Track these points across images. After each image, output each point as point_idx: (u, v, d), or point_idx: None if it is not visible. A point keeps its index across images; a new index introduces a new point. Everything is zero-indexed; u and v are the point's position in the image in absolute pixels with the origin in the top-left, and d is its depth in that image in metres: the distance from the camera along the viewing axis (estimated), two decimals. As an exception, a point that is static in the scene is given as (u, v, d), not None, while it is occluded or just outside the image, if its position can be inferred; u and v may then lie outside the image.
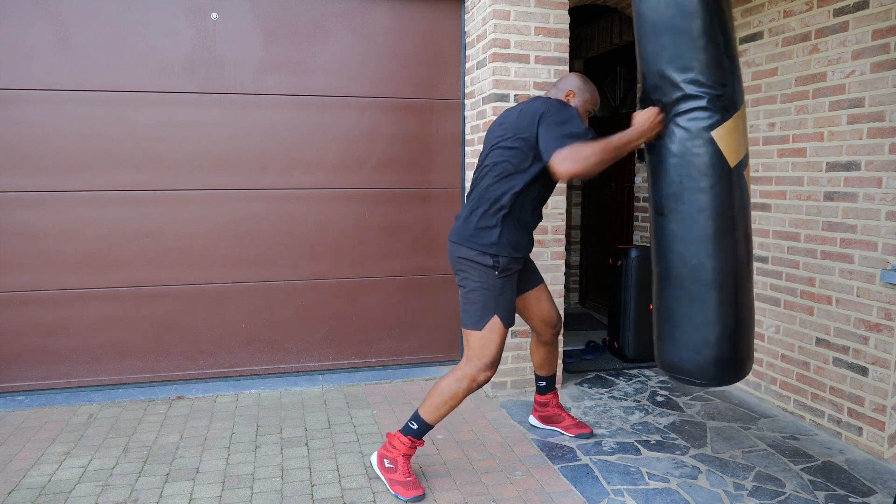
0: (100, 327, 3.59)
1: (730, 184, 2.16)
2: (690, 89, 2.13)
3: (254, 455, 2.89)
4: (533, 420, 3.23)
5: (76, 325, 3.56)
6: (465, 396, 2.52)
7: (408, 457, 2.58)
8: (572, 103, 2.60)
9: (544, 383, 3.11)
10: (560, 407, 3.17)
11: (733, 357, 2.23)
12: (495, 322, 2.51)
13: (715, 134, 2.12)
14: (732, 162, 2.15)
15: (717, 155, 2.13)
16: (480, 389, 3.70)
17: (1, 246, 3.43)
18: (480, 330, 2.50)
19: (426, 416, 2.54)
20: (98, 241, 3.54)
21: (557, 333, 2.99)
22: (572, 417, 3.16)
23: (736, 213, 2.18)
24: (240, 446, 2.98)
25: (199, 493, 2.56)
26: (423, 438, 2.60)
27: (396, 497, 2.52)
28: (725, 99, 2.13)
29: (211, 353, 3.76)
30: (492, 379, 3.57)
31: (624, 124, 2.35)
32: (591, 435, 3.10)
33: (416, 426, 2.55)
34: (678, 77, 2.14)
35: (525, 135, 2.43)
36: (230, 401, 3.54)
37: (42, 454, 2.89)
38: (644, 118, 2.28)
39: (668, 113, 2.21)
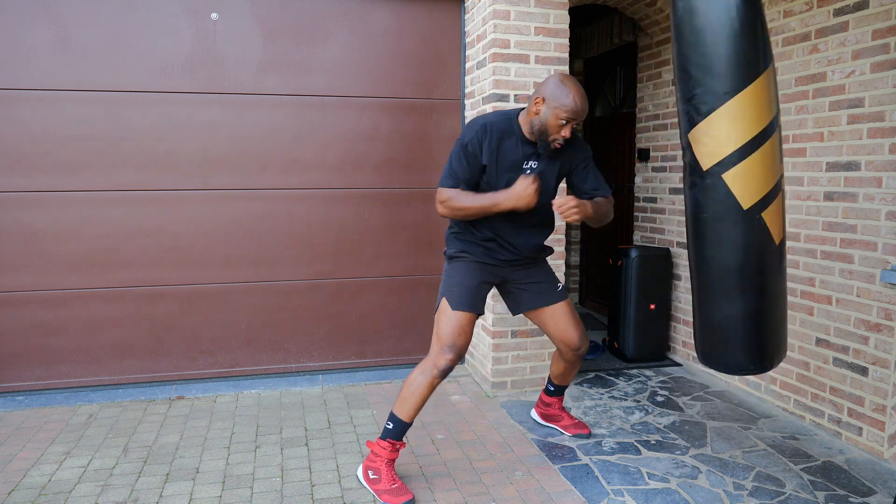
0: (100, 327, 3.59)
1: (704, 184, 2.16)
2: (678, 87, 2.13)
3: (254, 455, 2.89)
4: (534, 414, 3.25)
5: (76, 325, 3.56)
6: (431, 386, 2.50)
7: (391, 462, 2.54)
8: (540, 111, 2.42)
9: (554, 389, 3.10)
10: (562, 409, 3.17)
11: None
12: (443, 304, 2.57)
13: (691, 136, 2.14)
14: (705, 165, 2.14)
15: (691, 156, 2.15)
16: (481, 390, 3.70)
17: (1, 246, 3.43)
18: (436, 314, 2.58)
19: (400, 413, 2.52)
20: (98, 241, 3.54)
21: (581, 356, 2.86)
22: (572, 417, 3.16)
23: (709, 214, 2.18)
24: (240, 446, 2.98)
25: (199, 493, 2.56)
26: (404, 440, 2.56)
27: None
28: (697, 102, 2.12)
29: (211, 353, 3.76)
30: (492, 380, 3.57)
31: (624, 124, 2.34)
32: (590, 436, 3.10)
33: (391, 425, 2.53)
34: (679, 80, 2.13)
35: None
36: (230, 401, 3.54)
37: (42, 454, 2.89)
38: (517, 188, 2.40)
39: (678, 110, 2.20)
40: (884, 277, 2.80)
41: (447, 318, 2.54)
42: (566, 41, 3.50)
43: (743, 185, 2.07)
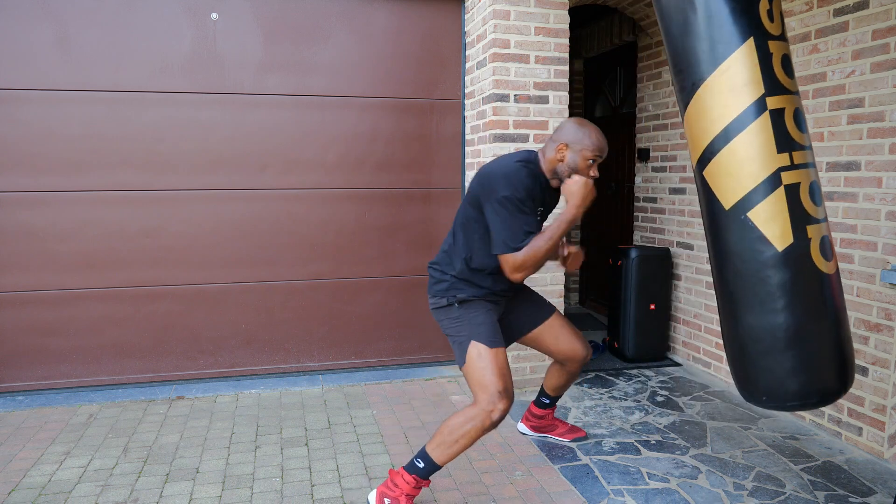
0: (100, 327, 3.59)
1: (699, 181, 1.98)
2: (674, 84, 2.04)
3: (254, 455, 2.89)
4: (522, 427, 3.14)
5: (76, 325, 3.56)
6: (478, 436, 2.28)
7: (411, 497, 2.34)
8: (565, 157, 2.37)
9: (548, 401, 3.02)
10: (555, 418, 3.11)
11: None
12: (476, 348, 2.34)
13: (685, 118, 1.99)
14: (692, 158, 1.99)
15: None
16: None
17: (1, 246, 3.43)
18: (466, 363, 2.35)
19: (435, 455, 2.30)
20: (98, 241, 3.54)
21: (583, 365, 2.79)
22: (566, 424, 3.11)
23: (703, 209, 2.00)
24: (240, 446, 2.98)
25: (199, 493, 2.56)
26: (430, 479, 2.37)
27: None
28: (681, 89, 1.96)
29: (211, 353, 3.76)
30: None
31: (624, 124, 2.33)
32: (587, 437, 3.08)
33: (422, 465, 2.31)
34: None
35: (474, 200, 2.37)
36: (230, 401, 3.54)
37: (42, 454, 2.89)
38: (575, 192, 2.29)
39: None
40: (884, 277, 2.80)
41: (487, 361, 2.31)
42: (566, 41, 3.50)
43: (719, 182, 1.87)
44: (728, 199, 1.86)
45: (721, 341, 3.86)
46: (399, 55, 3.83)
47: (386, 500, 2.34)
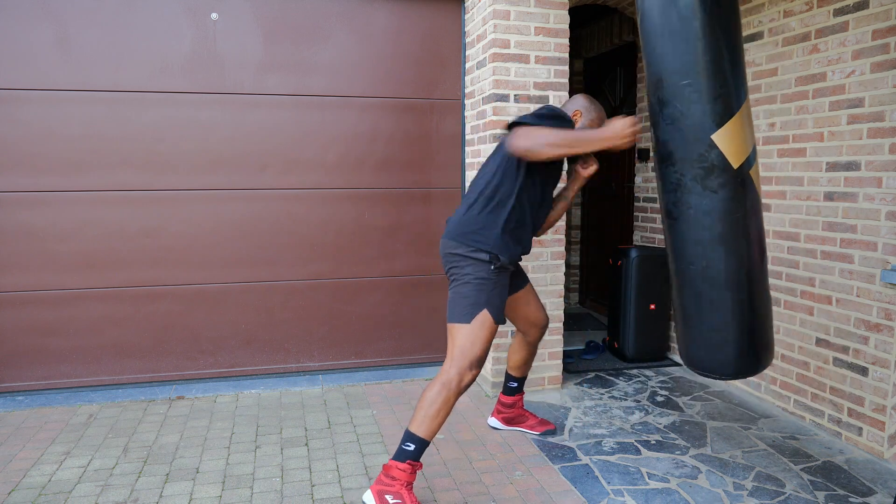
0: (100, 327, 3.59)
1: (735, 185, 2.14)
2: (688, 92, 2.11)
3: (254, 455, 2.89)
4: (494, 422, 3.15)
5: (76, 325, 3.56)
6: (454, 401, 2.35)
7: (410, 485, 2.35)
8: (579, 123, 2.63)
9: (516, 384, 3.07)
10: (524, 408, 3.15)
11: (751, 352, 2.27)
12: (485, 317, 2.39)
13: (716, 137, 2.11)
14: (735, 163, 2.13)
15: (719, 157, 2.12)
16: (481, 389, 3.70)
17: (1, 246, 3.43)
18: (468, 323, 2.38)
19: (419, 431, 2.33)
20: (98, 241, 3.54)
21: (543, 334, 2.96)
22: (535, 416, 3.15)
23: (744, 214, 2.16)
24: (240, 446, 2.98)
25: (199, 493, 2.56)
26: (421, 460, 2.39)
27: None
28: (726, 100, 2.12)
29: (211, 353, 3.76)
30: (492, 380, 3.57)
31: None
32: (555, 431, 3.10)
33: (412, 447, 2.33)
34: (676, 80, 2.13)
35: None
36: (230, 401, 3.54)
37: (42, 454, 2.89)
38: (617, 126, 2.34)
39: (670, 116, 2.18)
40: (884, 277, 2.80)
41: (485, 333, 2.39)
42: (566, 41, 3.50)
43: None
44: (738, 159, 2.14)
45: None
46: (399, 55, 3.83)
47: (388, 496, 2.32)
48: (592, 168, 2.67)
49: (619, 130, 2.32)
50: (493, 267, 2.43)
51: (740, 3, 3.56)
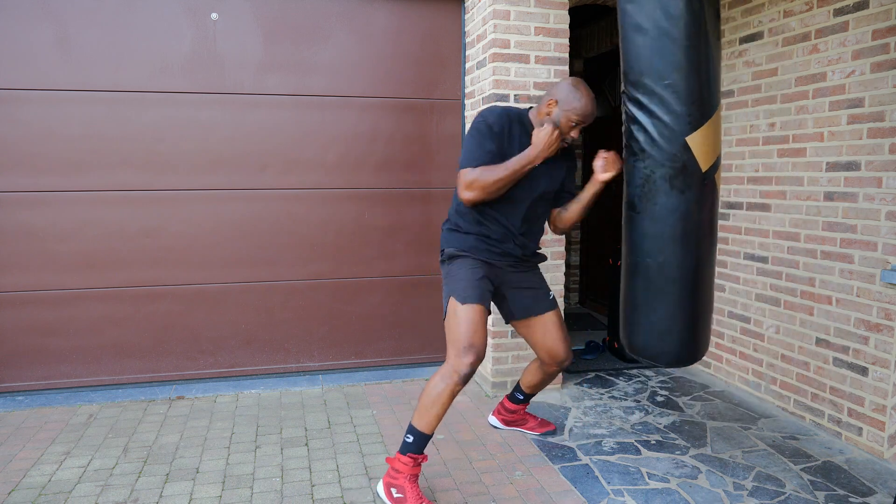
0: (100, 327, 3.59)
1: (701, 186, 2.22)
2: (667, 94, 2.13)
3: (254, 455, 2.89)
4: (494, 420, 3.17)
5: (76, 325, 3.56)
6: (453, 393, 2.36)
7: (414, 478, 2.39)
8: (552, 112, 2.51)
9: (522, 398, 3.06)
10: (527, 413, 3.15)
11: (692, 343, 2.38)
12: (452, 304, 2.45)
13: (690, 140, 2.15)
14: (704, 166, 2.19)
15: (690, 159, 2.16)
16: (481, 390, 3.70)
17: (1, 246, 3.43)
18: (445, 318, 2.47)
19: (419, 425, 2.38)
20: (98, 241, 3.54)
21: (560, 371, 2.86)
22: (536, 418, 3.16)
23: (704, 215, 2.25)
24: (240, 446, 2.98)
25: (199, 493, 2.56)
26: (425, 452, 2.45)
27: None
28: (701, 105, 2.14)
29: (211, 353, 3.76)
30: (492, 380, 3.57)
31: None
32: (555, 432, 3.11)
33: (411, 439, 2.40)
34: (656, 80, 2.14)
35: None
36: (230, 401, 3.54)
37: (42, 454, 2.89)
38: (540, 138, 2.43)
39: (645, 114, 2.21)
40: (884, 277, 2.80)
41: (459, 318, 2.42)
42: (566, 41, 3.50)
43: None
44: (706, 163, 2.22)
45: (721, 341, 3.86)
46: (399, 55, 3.83)
47: (392, 489, 2.40)
48: (609, 174, 2.63)
49: (542, 145, 2.44)
50: (444, 262, 2.60)
51: (741, 3, 3.56)
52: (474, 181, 2.42)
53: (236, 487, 2.60)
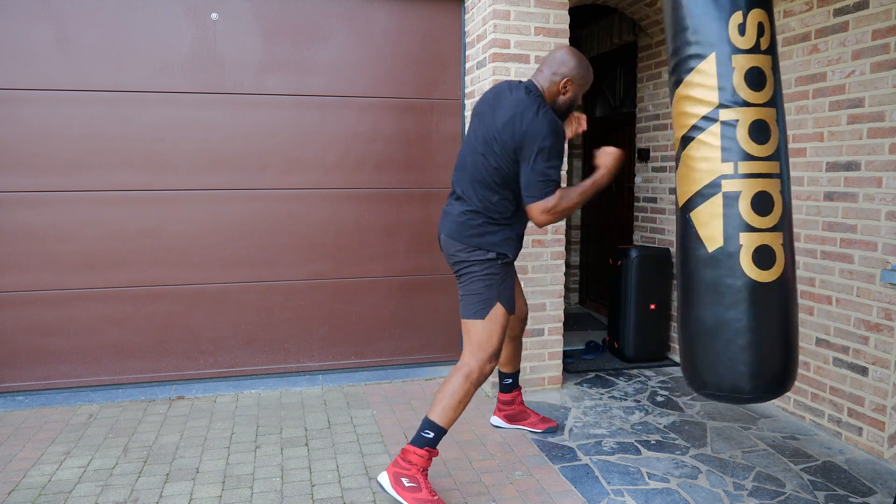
0: (100, 327, 3.59)
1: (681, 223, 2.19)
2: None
3: (254, 455, 2.89)
4: (497, 420, 3.19)
5: (76, 325, 3.56)
6: (473, 392, 2.46)
7: (426, 471, 2.42)
8: (570, 93, 2.52)
9: (510, 380, 3.11)
10: (524, 405, 3.18)
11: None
12: (498, 310, 2.48)
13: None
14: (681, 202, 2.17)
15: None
16: (480, 389, 3.70)
17: (1, 246, 3.43)
18: (483, 319, 2.47)
19: (440, 420, 2.41)
20: (98, 241, 3.54)
21: (525, 326, 3.04)
22: (537, 414, 3.17)
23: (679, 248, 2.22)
24: (240, 446, 2.98)
25: (199, 493, 2.56)
26: (438, 447, 2.48)
27: None
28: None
29: (211, 353, 3.76)
30: (491, 380, 3.57)
31: (624, 124, 2.36)
32: (557, 428, 3.12)
33: (431, 434, 2.41)
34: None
35: (511, 154, 2.41)
36: (230, 401, 3.54)
37: (42, 454, 2.89)
38: (611, 163, 2.49)
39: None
40: (884, 277, 2.80)
41: (499, 325, 2.48)
42: (566, 41, 3.50)
43: (679, 182, 2.10)
44: (681, 199, 2.08)
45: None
46: (399, 55, 3.83)
47: (403, 479, 2.40)
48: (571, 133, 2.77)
49: (615, 170, 2.51)
50: (499, 262, 2.51)
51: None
52: (556, 206, 2.38)
53: (236, 487, 2.61)
